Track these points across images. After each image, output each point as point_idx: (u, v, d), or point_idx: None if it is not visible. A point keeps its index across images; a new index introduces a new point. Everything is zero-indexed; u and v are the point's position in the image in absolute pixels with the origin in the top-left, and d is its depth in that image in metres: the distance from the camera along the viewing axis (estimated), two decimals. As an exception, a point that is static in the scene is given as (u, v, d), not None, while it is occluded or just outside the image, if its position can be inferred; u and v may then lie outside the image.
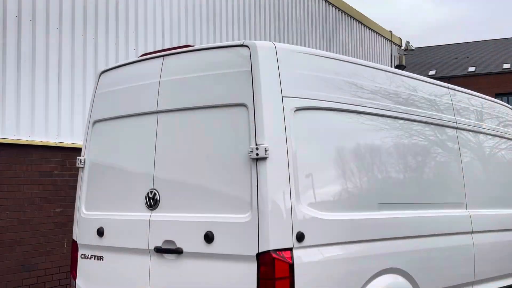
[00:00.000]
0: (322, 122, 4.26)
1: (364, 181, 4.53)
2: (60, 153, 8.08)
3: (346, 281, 4.12)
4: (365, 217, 4.37)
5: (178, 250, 4.11)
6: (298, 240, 3.83)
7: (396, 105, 4.94)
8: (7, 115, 7.48)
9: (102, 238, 4.62)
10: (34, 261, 7.66)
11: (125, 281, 4.43)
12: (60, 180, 8.08)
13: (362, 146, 4.56)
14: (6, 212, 7.44)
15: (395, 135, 4.90)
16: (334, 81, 4.38)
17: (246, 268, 3.79)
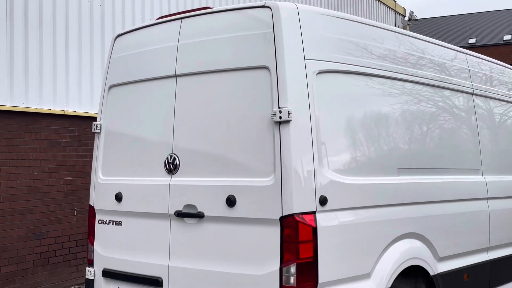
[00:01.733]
0: (345, 86, 4.21)
1: (384, 146, 4.51)
2: (68, 122, 8.02)
3: (367, 245, 4.12)
4: (385, 182, 4.37)
5: (199, 214, 4.09)
6: (321, 204, 3.81)
7: (422, 70, 4.90)
8: (16, 83, 7.41)
9: (121, 203, 4.60)
10: (44, 229, 7.66)
11: (145, 246, 4.42)
12: (69, 149, 8.04)
13: (383, 111, 4.53)
14: (16, 181, 7.42)
15: (417, 100, 4.87)
16: (358, 44, 4.32)
17: (269, 232, 3.78)
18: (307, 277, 3.71)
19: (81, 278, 8.05)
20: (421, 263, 4.54)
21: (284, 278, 3.69)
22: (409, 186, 4.58)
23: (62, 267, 7.87)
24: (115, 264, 4.60)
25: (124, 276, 4.53)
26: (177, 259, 4.19)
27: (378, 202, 4.26)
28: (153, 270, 4.31)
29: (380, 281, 4.12)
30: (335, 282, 3.86)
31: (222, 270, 3.96)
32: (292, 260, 3.68)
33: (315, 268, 3.74)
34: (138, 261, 4.43)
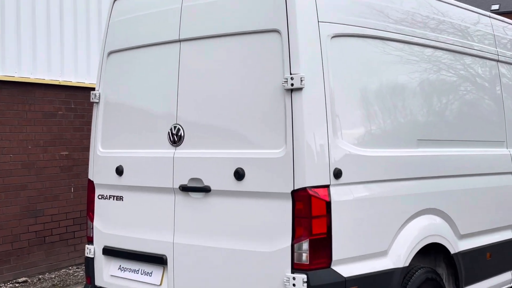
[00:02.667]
0: (360, 52, 4.18)
1: (403, 117, 4.49)
2: (64, 93, 8.03)
3: (384, 221, 4.13)
4: (404, 154, 4.36)
5: (205, 188, 4.11)
6: (335, 177, 3.81)
7: (443, 35, 4.86)
8: (7, 51, 7.39)
9: (122, 177, 4.62)
10: (40, 207, 7.72)
11: (148, 221, 4.45)
12: (65, 121, 8.05)
13: (401, 80, 4.50)
14: (10, 155, 7.45)
15: (436, 67, 4.83)
16: (375, 6, 4.28)
17: (280, 206, 3.79)
18: (320, 254, 3.73)
19: (79, 258, 8.13)
20: (441, 240, 4.56)
21: (296, 255, 3.72)
22: (429, 159, 4.58)
23: (59, 246, 7.94)
24: (116, 241, 4.64)
25: (125, 253, 4.57)
26: (182, 235, 4.22)
27: (396, 175, 4.25)
28: (156, 247, 4.34)
29: (397, 259, 4.14)
30: (350, 260, 3.88)
31: (229, 247, 3.98)
32: (305, 236, 3.70)
33: (328, 244, 3.76)
34: (141, 238, 4.46)
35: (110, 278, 4.68)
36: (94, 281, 4.78)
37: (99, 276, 4.74)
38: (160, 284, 4.33)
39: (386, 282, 4.05)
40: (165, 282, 4.31)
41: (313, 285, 3.66)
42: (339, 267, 3.80)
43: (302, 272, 3.69)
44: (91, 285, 4.79)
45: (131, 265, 4.56)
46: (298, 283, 3.67)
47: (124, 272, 4.60)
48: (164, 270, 4.33)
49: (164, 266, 4.32)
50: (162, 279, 4.34)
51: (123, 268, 4.61)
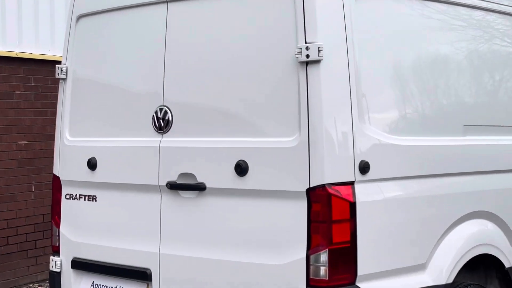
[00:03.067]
0: (393, 16, 4.20)
1: (446, 96, 4.51)
2: (22, 67, 8.06)
3: (422, 227, 4.15)
4: (447, 143, 4.38)
5: (199, 186, 4.12)
6: (361, 171, 3.83)
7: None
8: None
9: (94, 172, 4.64)
10: (-7, 210, 7.77)
11: (127, 227, 4.48)
12: (24, 103, 8.09)
13: (444, 50, 4.51)
14: (-45, 145, 7.51)
15: (488, 35, 4.85)
16: None
17: (292, 208, 3.80)
18: (342, 268, 3.75)
19: (41, 273, 8.18)
20: (493, 251, 4.57)
21: (312, 268, 3.73)
22: (479, 149, 4.59)
23: (16, 258, 7.99)
24: (88, 252, 4.66)
25: (100, 267, 4.59)
26: (170, 245, 4.24)
27: (436, 170, 4.26)
28: (138, 259, 4.37)
29: (438, 274, 4.17)
30: (379, 275, 3.90)
31: (229, 259, 4.00)
32: (323, 246, 3.71)
33: (352, 256, 3.77)
34: (119, 248, 4.48)
35: (80, 297, 4.72)
36: (61, 301, 4.81)
37: (67, 296, 4.78)
38: None
39: (425, 302, 4.08)
40: None
41: (334, 306, 3.69)
42: (365, 284, 3.81)
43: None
44: (57, 306, 4.83)
45: (107, 281, 4.58)
46: (315, 303, 3.69)
47: (98, 290, 4.63)
48: (148, 287, 4.35)
49: (148, 283, 4.34)
50: None
51: (97, 285, 4.64)
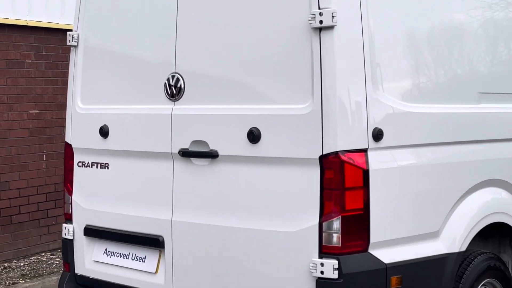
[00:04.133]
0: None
1: (461, 65, 4.51)
2: (32, 36, 8.06)
3: (435, 195, 4.16)
4: (462, 111, 4.38)
5: (211, 153, 4.15)
6: (375, 139, 3.84)
7: None
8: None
9: (107, 139, 4.67)
10: (4, 178, 7.82)
11: (140, 195, 4.51)
12: (35, 72, 8.10)
13: (460, 18, 4.49)
14: (-34, 114, 7.54)
15: (505, 2, 4.81)
16: None
17: (305, 176, 3.82)
18: (355, 235, 3.78)
19: (53, 242, 8.26)
20: (507, 219, 4.58)
21: (324, 236, 3.76)
22: (494, 117, 4.59)
23: (28, 228, 8.06)
24: (101, 219, 4.71)
25: (112, 234, 4.64)
26: (182, 212, 4.28)
27: (451, 137, 4.27)
28: (151, 226, 4.41)
29: (452, 243, 4.19)
30: (392, 243, 3.92)
31: (241, 225, 4.04)
32: (336, 213, 3.74)
33: (365, 223, 3.80)
34: (131, 215, 4.52)
35: (93, 264, 4.77)
36: (74, 268, 4.87)
37: (80, 263, 4.83)
38: (155, 272, 4.41)
39: (437, 270, 4.10)
40: (161, 270, 4.39)
41: (346, 273, 3.72)
42: (378, 251, 3.84)
43: (332, 256, 3.73)
44: (70, 273, 4.89)
45: (120, 248, 4.63)
46: (328, 270, 3.72)
47: (110, 257, 4.68)
48: (161, 255, 4.40)
49: (161, 250, 4.39)
50: (158, 266, 4.41)
51: (110, 252, 4.69)
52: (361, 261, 3.78)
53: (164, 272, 4.35)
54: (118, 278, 4.60)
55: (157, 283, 4.38)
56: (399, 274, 3.89)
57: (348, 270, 3.73)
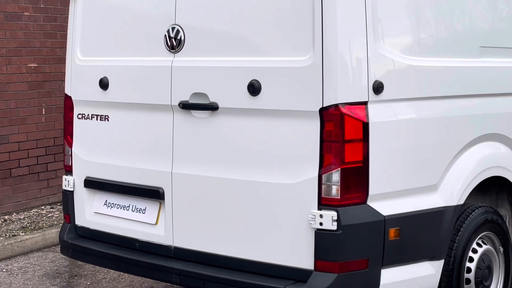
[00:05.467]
0: None
1: (462, 21, 4.50)
2: (31, -12, 8.02)
3: (434, 148, 4.20)
4: (462, 65, 4.38)
5: (211, 105, 4.17)
6: (375, 91, 3.86)
7: None
8: None
9: (107, 91, 4.69)
10: (3, 132, 7.83)
11: (140, 147, 4.55)
12: (33, 25, 8.07)
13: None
14: (-36, 67, 7.54)
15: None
16: None
17: (305, 128, 3.86)
18: (354, 187, 3.82)
19: (53, 196, 8.31)
20: (505, 174, 4.62)
21: (324, 188, 3.80)
22: (495, 71, 4.61)
23: (28, 181, 8.11)
24: (101, 171, 4.75)
25: (112, 186, 4.68)
26: (182, 164, 4.31)
27: (451, 91, 4.29)
28: (151, 178, 4.45)
29: (450, 196, 4.23)
30: (391, 195, 3.96)
31: (241, 177, 4.08)
32: (335, 165, 3.78)
33: (365, 176, 3.84)
34: (131, 167, 4.56)
35: (94, 216, 4.82)
36: (74, 219, 4.92)
37: (81, 214, 4.88)
38: (155, 223, 4.46)
39: (435, 223, 4.15)
40: (161, 221, 4.44)
41: (345, 225, 3.77)
42: (377, 204, 3.89)
43: (331, 208, 3.78)
44: (71, 224, 4.95)
45: (120, 200, 4.68)
46: (326, 221, 3.77)
47: (111, 208, 4.73)
48: (161, 206, 4.45)
49: (161, 202, 4.44)
50: (158, 218, 4.46)
51: (110, 204, 4.74)
52: (360, 213, 3.83)
53: (164, 223, 4.40)
54: (118, 229, 4.65)
55: (157, 234, 4.43)
56: (397, 226, 3.94)
57: (347, 222, 3.78)
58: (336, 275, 3.78)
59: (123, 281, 5.88)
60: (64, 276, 6.08)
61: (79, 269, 6.22)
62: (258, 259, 4.04)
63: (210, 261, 4.23)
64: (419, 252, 4.12)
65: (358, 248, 3.83)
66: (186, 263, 4.29)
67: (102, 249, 4.69)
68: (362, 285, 3.87)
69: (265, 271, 4.01)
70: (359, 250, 3.84)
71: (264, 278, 3.99)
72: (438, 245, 4.17)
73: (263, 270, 4.02)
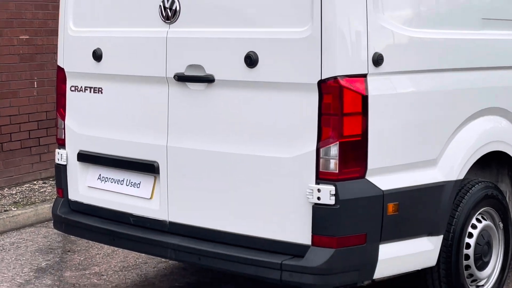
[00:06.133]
0: None
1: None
2: (21, -44, 7.95)
3: (435, 122, 4.19)
4: (464, 37, 4.37)
5: (207, 77, 4.15)
6: (374, 64, 3.84)
7: None
8: None
9: (100, 63, 4.66)
10: (-5, 106, 7.82)
11: (134, 119, 4.53)
12: (24, -5, 8.02)
13: None
14: (-46, 39, 7.49)
15: None
16: None
17: (303, 101, 3.84)
18: (352, 161, 3.81)
19: (45, 171, 8.30)
20: (506, 148, 4.62)
21: (322, 162, 3.80)
22: (497, 44, 4.59)
23: (20, 155, 8.09)
24: (95, 144, 4.74)
25: (106, 160, 4.67)
26: (178, 137, 4.30)
27: (452, 64, 4.28)
28: (146, 152, 4.44)
29: (449, 170, 4.23)
30: (390, 169, 3.96)
31: (238, 151, 4.07)
32: (334, 139, 3.77)
33: (363, 149, 3.83)
34: (126, 141, 4.55)
35: (87, 190, 4.82)
36: (68, 194, 4.91)
37: (74, 188, 4.87)
38: (150, 198, 4.46)
39: (434, 198, 4.15)
40: (156, 196, 4.43)
41: (343, 199, 3.77)
42: (375, 178, 3.88)
43: (329, 182, 3.78)
44: (64, 199, 4.94)
45: (114, 174, 4.67)
46: (324, 196, 3.77)
47: (105, 183, 4.72)
48: (156, 181, 4.44)
49: (156, 176, 4.43)
50: (153, 192, 4.46)
51: (104, 178, 4.73)
52: (358, 188, 3.83)
53: (159, 198, 4.40)
54: (112, 203, 4.64)
55: (152, 208, 4.43)
56: (396, 201, 3.94)
57: (345, 196, 3.78)
58: (333, 250, 3.78)
59: (117, 256, 5.89)
60: (57, 252, 6.08)
61: (72, 245, 6.22)
62: (254, 234, 4.04)
63: (205, 236, 4.22)
64: (418, 227, 4.12)
65: (356, 223, 3.83)
66: (181, 238, 4.29)
67: (95, 223, 4.68)
68: (360, 260, 3.88)
69: (261, 246, 4.01)
70: (357, 225, 3.84)
71: (261, 253, 3.99)
72: (437, 220, 4.17)
73: (259, 245, 4.02)
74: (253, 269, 3.97)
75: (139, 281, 5.41)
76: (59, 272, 5.59)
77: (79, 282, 5.36)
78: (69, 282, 5.35)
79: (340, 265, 3.83)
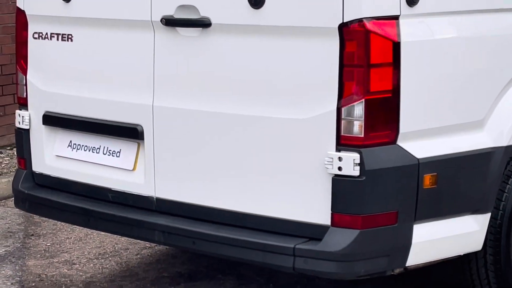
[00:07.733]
0: None
1: None
2: None
3: (481, 76, 4.20)
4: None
5: (202, 21, 4.14)
6: (408, 3, 3.83)
7: None
8: None
9: (69, 4, 4.63)
10: None
11: (112, 73, 4.54)
12: None
13: None
14: None
15: None
16: None
17: (320, 49, 3.83)
18: (381, 123, 3.82)
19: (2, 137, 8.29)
20: None
21: (343, 124, 3.80)
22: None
23: (-30, 119, 8.11)
24: (64, 104, 4.74)
25: (79, 123, 4.68)
26: (166, 95, 4.30)
27: (503, 3, 4.26)
28: (127, 113, 4.45)
29: (499, 135, 4.23)
30: (426, 133, 3.97)
31: (239, 112, 4.08)
32: (359, 95, 3.76)
33: (394, 109, 3.83)
34: (102, 99, 4.56)
35: (55, 160, 4.84)
36: (31, 165, 4.93)
37: (39, 158, 4.89)
38: (133, 169, 4.48)
39: (481, 168, 4.16)
40: (140, 167, 4.45)
41: (370, 170, 3.77)
42: (409, 144, 3.89)
43: (352, 149, 3.78)
44: (27, 171, 4.96)
45: (88, 140, 4.68)
46: (347, 166, 3.77)
47: (76, 151, 4.73)
48: (139, 148, 4.45)
49: (139, 142, 4.44)
50: (136, 162, 4.47)
51: (76, 145, 4.74)
52: (388, 155, 3.83)
53: (144, 169, 4.41)
54: (86, 176, 4.67)
55: (135, 182, 4.45)
56: (434, 171, 3.96)
57: (372, 166, 3.78)
58: (358, 231, 3.80)
59: (91, 241, 5.92)
60: (18, 236, 6.11)
61: (36, 227, 6.25)
62: (260, 213, 4.06)
63: (200, 216, 4.25)
64: (460, 203, 4.14)
65: (385, 198, 3.85)
66: (171, 218, 4.32)
67: (66, 201, 4.71)
68: (390, 243, 3.90)
69: (270, 228, 4.03)
70: (387, 201, 3.85)
71: (269, 236, 4.01)
72: (484, 195, 4.18)
73: (267, 226, 4.04)
74: (260, 255, 4.00)
75: (118, 270, 5.44)
76: (21, 260, 5.63)
77: (45, 272, 5.39)
78: (34, 272, 5.39)
79: (365, 249, 3.84)
